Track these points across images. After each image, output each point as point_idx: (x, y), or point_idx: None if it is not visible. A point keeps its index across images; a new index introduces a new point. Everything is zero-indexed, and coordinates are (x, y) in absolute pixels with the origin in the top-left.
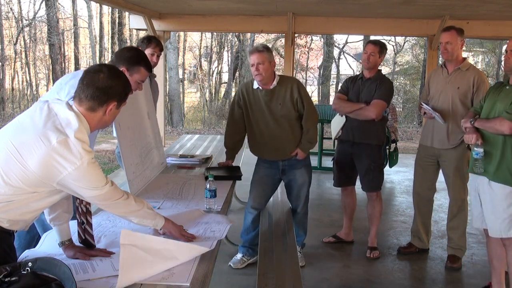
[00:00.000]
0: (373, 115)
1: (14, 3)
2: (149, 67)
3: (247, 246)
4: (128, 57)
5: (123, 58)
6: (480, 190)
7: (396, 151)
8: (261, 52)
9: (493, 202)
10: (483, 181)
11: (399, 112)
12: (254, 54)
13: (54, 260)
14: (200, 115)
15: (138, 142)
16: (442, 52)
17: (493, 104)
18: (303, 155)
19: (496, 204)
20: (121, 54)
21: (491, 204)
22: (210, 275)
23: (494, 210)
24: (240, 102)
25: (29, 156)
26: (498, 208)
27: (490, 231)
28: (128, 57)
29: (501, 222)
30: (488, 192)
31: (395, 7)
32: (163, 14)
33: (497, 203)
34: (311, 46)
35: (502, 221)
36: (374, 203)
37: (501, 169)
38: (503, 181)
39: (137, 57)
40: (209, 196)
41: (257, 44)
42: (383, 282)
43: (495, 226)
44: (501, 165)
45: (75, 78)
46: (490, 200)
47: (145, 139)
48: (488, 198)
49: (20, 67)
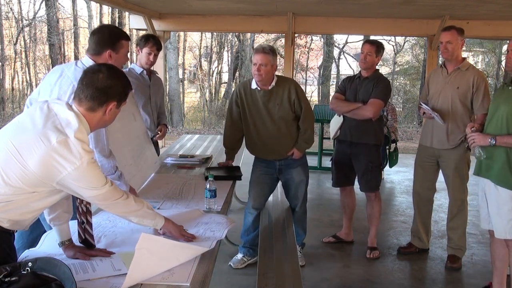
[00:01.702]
0: (370, 115)
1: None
2: (127, 35)
3: (248, 246)
4: (107, 39)
5: (102, 42)
6: (486, 191)
7: (396, 151)
8: (267, 54)
9: (498, 204)
10: (489, 182)
11: (399, 112)
12: (259, 54)
13: (54, 260)
14: (200, 115)
15: (129, 144)
16: (442, 52)
17: (496, 107)
18: (299, 155)
19: (501, 206)
20: (98, 41)
21: (496, 205)
22: (210, 275)
23: (499, 212)
24: (238, 101)
25: (29, 156)
26: (503, 209)
27: (496, 232)
28: (107, 39)
29: (506, 223)
30: (493, 193)
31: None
32: (163, 14)
33: (502, 204)
34: (311, 46)
35: (507, 222)
36: (373, 203)
37: (505, 173)
38: (507, 185)
39: (114, 35)
40: (209, 196)
41: (265, 44)
42: (383, 282)
43: (500, 227)
44: (505, 169)
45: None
46: (496, 201)
47: (136, 140)
48: (494, 200)
49: (20, 67)
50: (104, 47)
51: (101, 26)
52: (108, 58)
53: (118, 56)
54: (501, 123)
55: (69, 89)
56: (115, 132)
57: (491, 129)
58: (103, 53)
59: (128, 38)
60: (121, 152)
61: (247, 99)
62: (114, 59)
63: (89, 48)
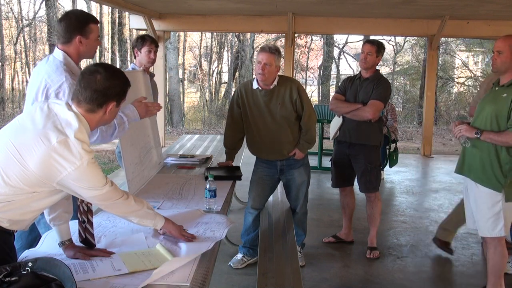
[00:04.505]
0: (369, 116)
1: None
2: (95, 18)
3: (248, 246)
4: (74, 25)
5: (70, 28)
6: (469, 189)
7: (396, 151)
8: (272, 54)
9: (477, 201)
10: (470, 181)
11: (399, 112)
12: (264, 53)
13: (54, 260)
14: (200, 115)
15: (138, 142)
16: None
17: (483, 107)
18: (301, 155)
19: (480, 203)
20: (66, 27)
21: (475, 203)
22: (210, 275)
23: (478, 209)
24: (239, 102)
25: (29, 156)
26: (482, 207)
27: (479, 230)
28: (74, 24)
29: (485, 221)
30: (474, 191)
31: (395, 7)
32: (163, 14)
33: (481, 202)
34: (311, 46)
35: (487, 220)
36: (372, 204)
37: (485, 171)
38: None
39: (81, 19)
40: (209, 196)
41: (271, 44)
42: (383, 282)
43: (481, 225)
44: (485, 167)
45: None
46: (474, 199)
47: (145, 138)
48: (473, 198)
49: (20, 67)
50: (72, 33)
51: (67, 13)
52: (78, 45)
53: (89, 41)
54: (485, 121)
55: (42, 85)
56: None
57: (476, 126)
58: (73, 39)
59: (96, 21)
60: (129, 149)
61: (248, 99)
62: (85, 45)
63: (59, 36)
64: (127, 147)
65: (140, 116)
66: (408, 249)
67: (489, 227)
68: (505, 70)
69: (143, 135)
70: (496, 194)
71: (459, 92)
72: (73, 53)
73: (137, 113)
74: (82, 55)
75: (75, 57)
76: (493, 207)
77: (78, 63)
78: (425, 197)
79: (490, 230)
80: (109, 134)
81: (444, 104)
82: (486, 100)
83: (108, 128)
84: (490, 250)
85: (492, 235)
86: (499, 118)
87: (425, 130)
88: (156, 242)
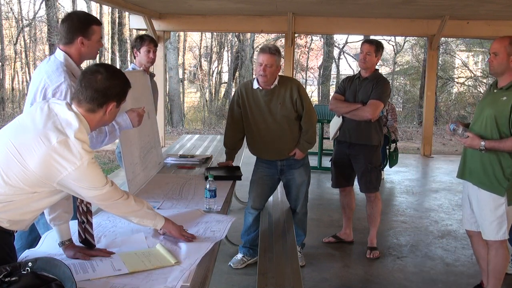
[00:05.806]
0: (369, 115)
1: (14, 3)
2: (97, 20)
3: (248, 246)
4: (77, 26)
5: (73, 29)
6: (470, 194)
7: (396, 151)
8: (273, 55)
9: (480, 205)
10: (472, 185)
11: (399, 112)
12: (265, 55)
13: (54, 260)
14: (200, 115)
15: (138, 142)
16: None
17: (481, 109)
18: (302, 155)
19: (483, 207)
20: (68, 28)
21: (478, 207)
22: (210, 275)
23: (481, 213)
24: (240, 102)
25: (29, 156)
26: (486, 210)
27: (483, 233)
28: (77, 25)
29: (489, 224)
30: (476, 194)
31: (395, 7)
32: (163, 14)
33: (484, 205)
34: (311, 46)
35: (490, 223)
36: (372, 204)
37: (486, 176)
38: (488, 188)
39: (84, 21)
40: (209, 196)
41: (270, 45)
42: (383, 282)
43: (485, 229)
44: (487, 172)
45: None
46: (477, 203)
47: (145, 139)
48: (475, 201)
49: (20, 67)
50: (75, 34)
51: (69, 14)
52: (80, 46)
53: (91, 43)
54: (485, 124)
55: (40, 85)
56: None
57: (475, 130)
58: (75, 40)
59: (99, 23)
60: (129, 150)
61: (248, 99)
62: (86, 46)
63: (61, 37)
64: (127, 147)
65: (133, 125)
66: (408, 249)
67: (493, 230)
68: (502, 72)
69: (143, 135)
70: (498, 198)
71: (459, 92)
72: (75, 54)
73: (130, 121)
74: (84, 56)
75: (76, 58)
76: (496, 210)
77: (79, 64)
78: (425, 197)
79: (494, 233)
80: (99, 141)
81: (444, 104)
82: (484, 102)
83: (99, 135)
84: (492, 252)
85: (496, 238)
86: (498, 122)
87: (425, 130)
88: (156, 242)
